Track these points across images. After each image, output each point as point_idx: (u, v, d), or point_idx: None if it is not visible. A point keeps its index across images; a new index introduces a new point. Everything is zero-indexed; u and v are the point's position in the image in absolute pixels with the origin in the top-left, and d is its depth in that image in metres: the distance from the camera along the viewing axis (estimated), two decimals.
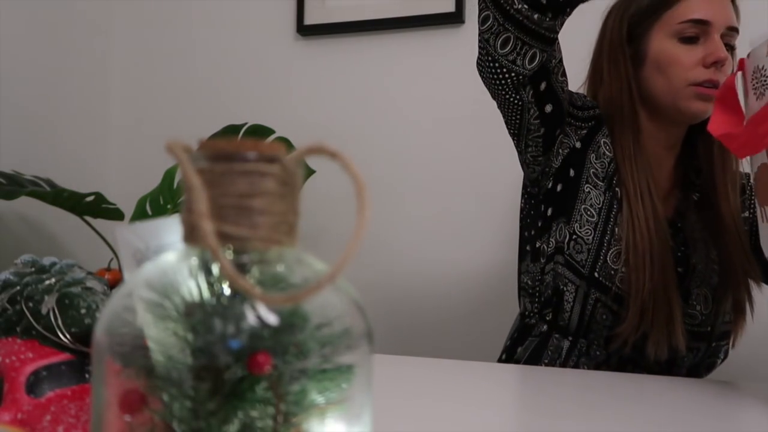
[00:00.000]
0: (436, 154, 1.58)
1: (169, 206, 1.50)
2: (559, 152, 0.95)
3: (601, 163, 0.93)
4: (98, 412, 0.26)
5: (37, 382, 0.38)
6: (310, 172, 1.41)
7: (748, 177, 1.00)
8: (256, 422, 0.24)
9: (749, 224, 0.97)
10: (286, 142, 1.41)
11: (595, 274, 0.89)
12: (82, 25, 1.75)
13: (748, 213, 0.98)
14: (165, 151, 0.25)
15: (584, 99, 0.98)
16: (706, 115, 0.89)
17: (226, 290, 0.25)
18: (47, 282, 0.41)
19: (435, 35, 1.60)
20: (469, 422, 0.60)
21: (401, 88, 1.63)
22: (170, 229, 0.33)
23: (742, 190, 0.98)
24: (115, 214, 1.42)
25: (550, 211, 0.95)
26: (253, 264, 0.26)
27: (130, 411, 0.25)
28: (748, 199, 0.98)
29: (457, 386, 0.75)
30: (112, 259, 1.39)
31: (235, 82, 1.77)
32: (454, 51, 1.57)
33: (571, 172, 0.94)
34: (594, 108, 0.97)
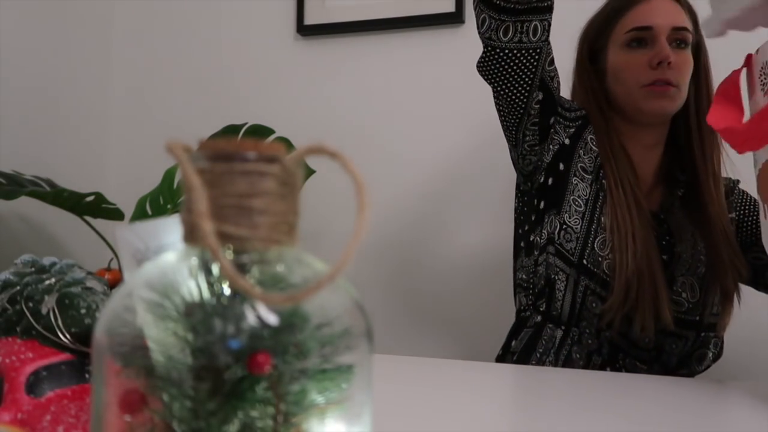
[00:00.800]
0: (436, 153, 1.58)
1: (169, 206, 1.50)
2: (550, 147, 1.01)
3: (589, 157, 1.00)
4: (98, 412, 0.26)
5: (37, 382, 0.38)
6: (310, 172, 1.41)
7: (734, 182, 1.05)
8: (256, 422, 0.24)
9: (735, 225, 1.02)
10: (286, 142, 1.41)
11: (584, 261, 0.95)
12: (81, 25, 1.75)
13: (734, 214, 1.02)
14: (165, 151, 0.25)
15: (571, 102, 1.05)
16: (666, 111, 0.97)
17: (226, 290, 0.25)
18: (47, 282, 0.41)
19: (435, 35, 1.60)
20: (469, 422, 0.60)
21: (401, 88, 1.63)
22: (170, 229, 0.33)
23: (730, 192, 1.03)
24: (115, 214, 1.42)
25: (542, 204, 1.01)
26: (253, 264, 0.26)
27: (130, 411, 0.25)
28: (734, 201, 1.03)
29: (457, 386, 0.75)
30: (112, 259, 1.39)
31: (235, 82, 1.77)
32: (454, 51, 1.57)
33: (561, 167, 1.00)
34: (580, 110, 1.04)
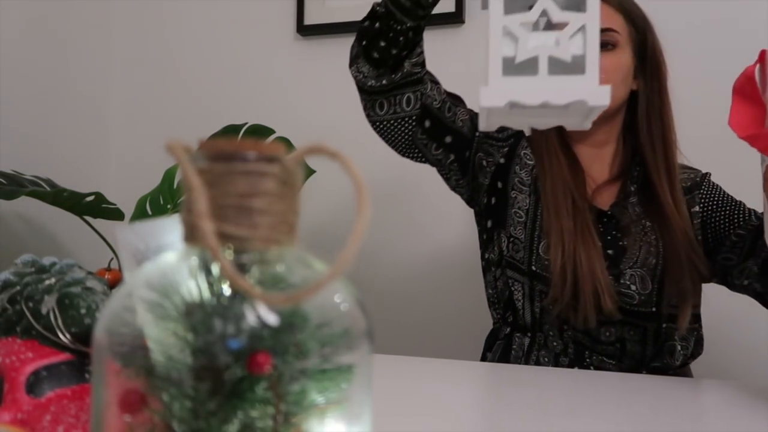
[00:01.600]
0: None
1: (169, 206, 1.50)
2: (486, 170, 1.05)
3: (525, 171, 1.03)
4: (98, 412, 0.26)
5: (37, 382, 0.38)
6: (310, 172, 1.41)
7: (702, 175, 1.05)
8: (256, 422, 0.24)
9: (700, 219, 1.01)
10: (286, 142, 1.41)
11: (533, 268, 0.98)
12: (82, 25, 1.75)
13: (698, 208, 1.02)
14: (165, 151, 0.25)
15: None
16: None
17: (226, 290, 0.25)
18: (47, 282, 0.41)
19: (435, 35, 1.60)
20: (469, 422, 0.60)
21: None
22: (170, 229, 0.33)
23: (696, 186, 1.03)
24: (115, 214, 1.42)
25: (489, 223, 1.06)
26: (253, 264, 0.26)
27: (130, 411, 0.25)
28: (700, 194, 1.03)
29: (457, 386, 0.75)
30: (112, 259, 1.39)
31: (235, 82, 1.77)
32: (454, 51, 1.57)
33: (500, 185, 1.04)
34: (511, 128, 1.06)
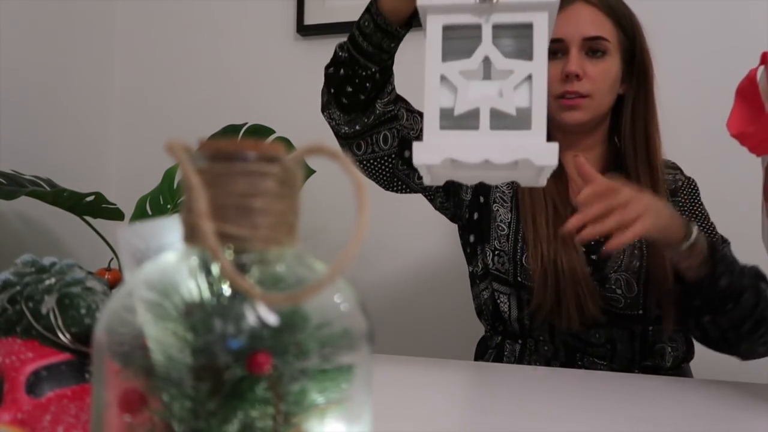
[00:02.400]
0: None
1: (169, 206, 1.50)
2: (467, 188, 1.07)
3: (506, 184, 1.05)
4: (98, 412, 0.26)
5: (37, 382, 0.38)
6: (310, 172, 1.41)
7: (684, 180, 1.05)
8: (256, 422, 0.24)
9: None
10: (286, 142, 1.41)
11: (519, 278, 0.99)
12: (82, 25, 1.75)
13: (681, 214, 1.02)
14: (165, 151, 0.25)
15: None
16: (578, 121, 0.99)
17: (226, 290, 0.25)
18: (47, 282, 0.41)
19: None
20: (469, 422, 0.60)
21: (401, 88, 1.62)
22: (170, 229, 0.33)
23: (676, 191, 1.04)
24: (115, 214, 1.42)
25: (472, 238, 1.07)
26: (253, 264, 0.26)
27: (130, 411, 0.25)
28: (681, 200, 1.04)
29: (457, 386, 0.75)
30: (112, 259, 1.39)
31: (235, 82, 1.77)
32: None
33: (481, 199, 1.06)
34: None
